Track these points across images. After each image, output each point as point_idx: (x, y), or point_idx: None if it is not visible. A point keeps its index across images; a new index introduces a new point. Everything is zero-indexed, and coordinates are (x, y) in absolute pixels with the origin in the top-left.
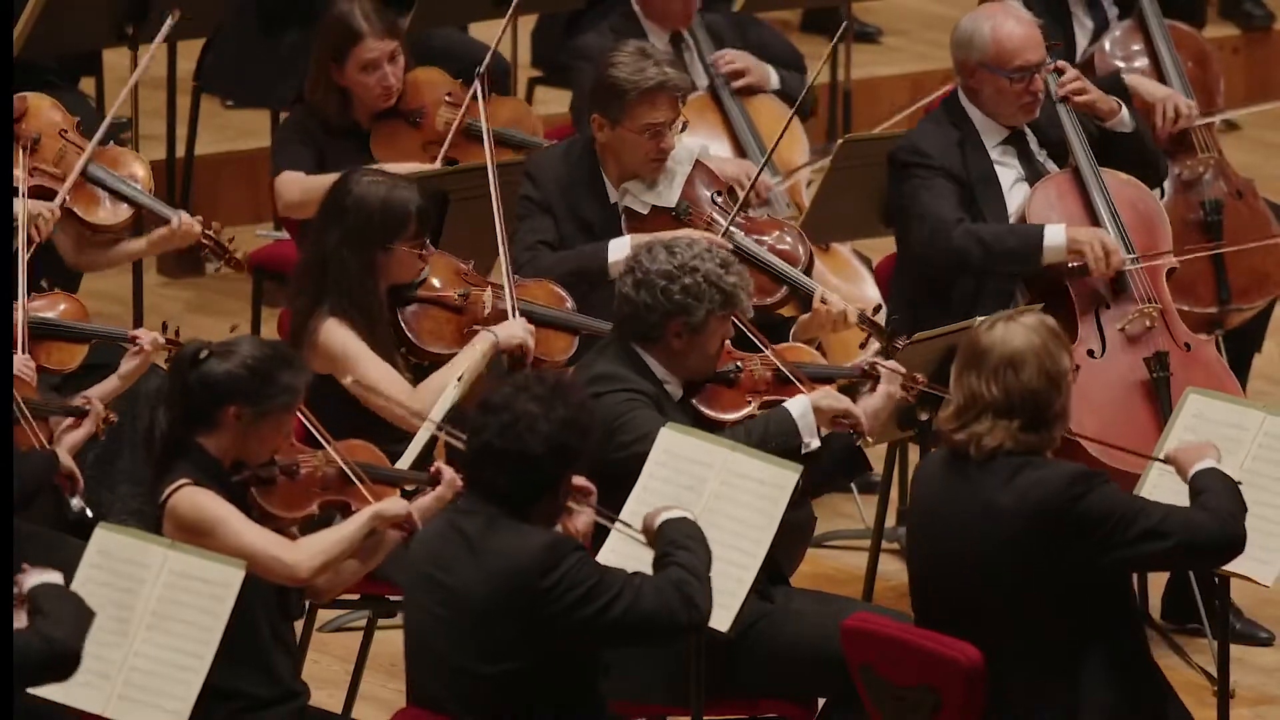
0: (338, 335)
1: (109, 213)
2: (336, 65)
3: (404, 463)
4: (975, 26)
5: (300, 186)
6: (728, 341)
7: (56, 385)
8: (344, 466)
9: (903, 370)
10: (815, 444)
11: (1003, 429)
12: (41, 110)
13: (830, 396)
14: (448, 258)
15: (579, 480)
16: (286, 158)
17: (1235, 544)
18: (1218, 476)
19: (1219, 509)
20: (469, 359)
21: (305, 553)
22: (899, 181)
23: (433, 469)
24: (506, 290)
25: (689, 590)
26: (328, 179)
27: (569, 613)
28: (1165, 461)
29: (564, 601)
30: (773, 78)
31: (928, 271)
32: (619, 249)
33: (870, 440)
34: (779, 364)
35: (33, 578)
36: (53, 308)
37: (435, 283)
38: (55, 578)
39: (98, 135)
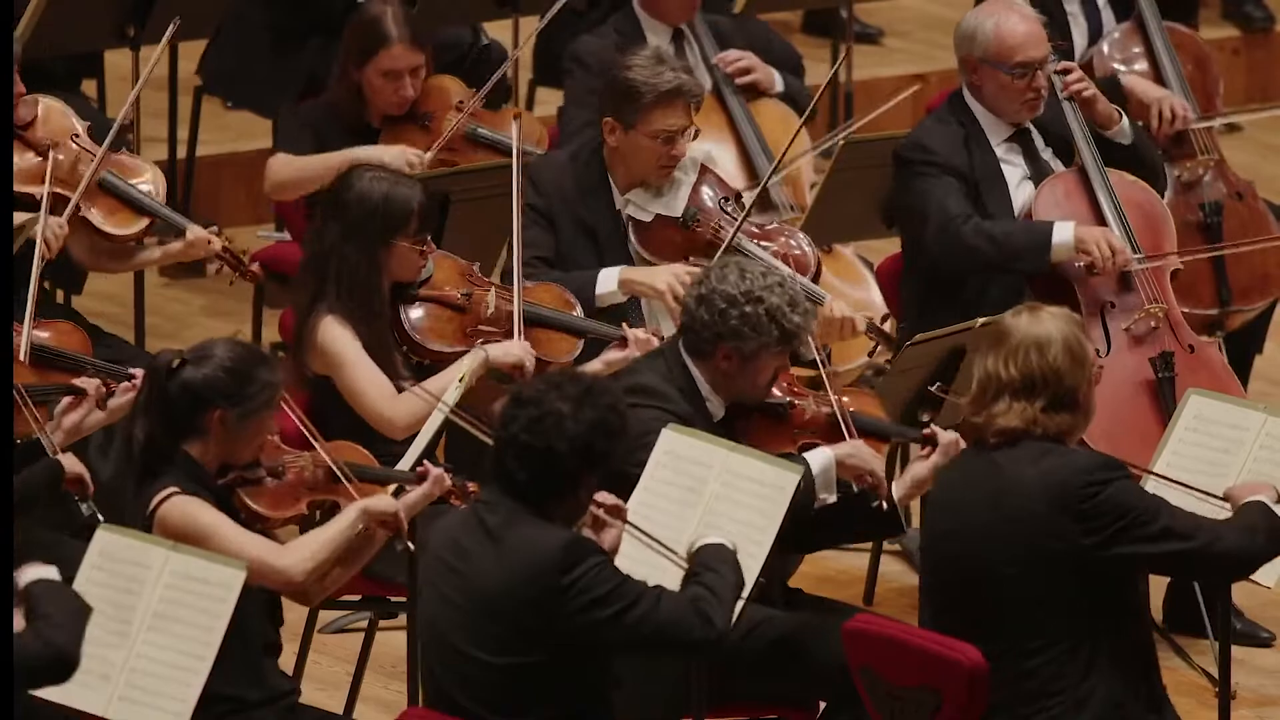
0: (333, 334)
1: (124, 222)
2: (357, 66)
3: (407, 461)
4: (978, 23)
5: (293, 166)
6: (791, 373)
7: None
8: (332, 466)
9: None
10: (830, 499)
11: (1020, 411)
12: (52, 116)
13: (857, 453)
14: (452, 258)
15: (611, 498)
16: (283, 139)
17: (1250, 561)
18: (1261, 507)
19: (1246, 526)
20: (454, 372)
21: (297, 556)
22: (906, 179)
23: (420, 469)
24: (515, 297)
25: (706, 607)
26: (320, 159)
27: (584, 613)
28: (1223, 499)
29: (580, 601)
30: (778, 81)
31: (939, 270)
32: (607, 282)
33: (885, 505)
34: (835, 410)
35: (29, 572)
36: (56, 338)
37: (439, 281)
38: (51, 573)
39: (108, 139)
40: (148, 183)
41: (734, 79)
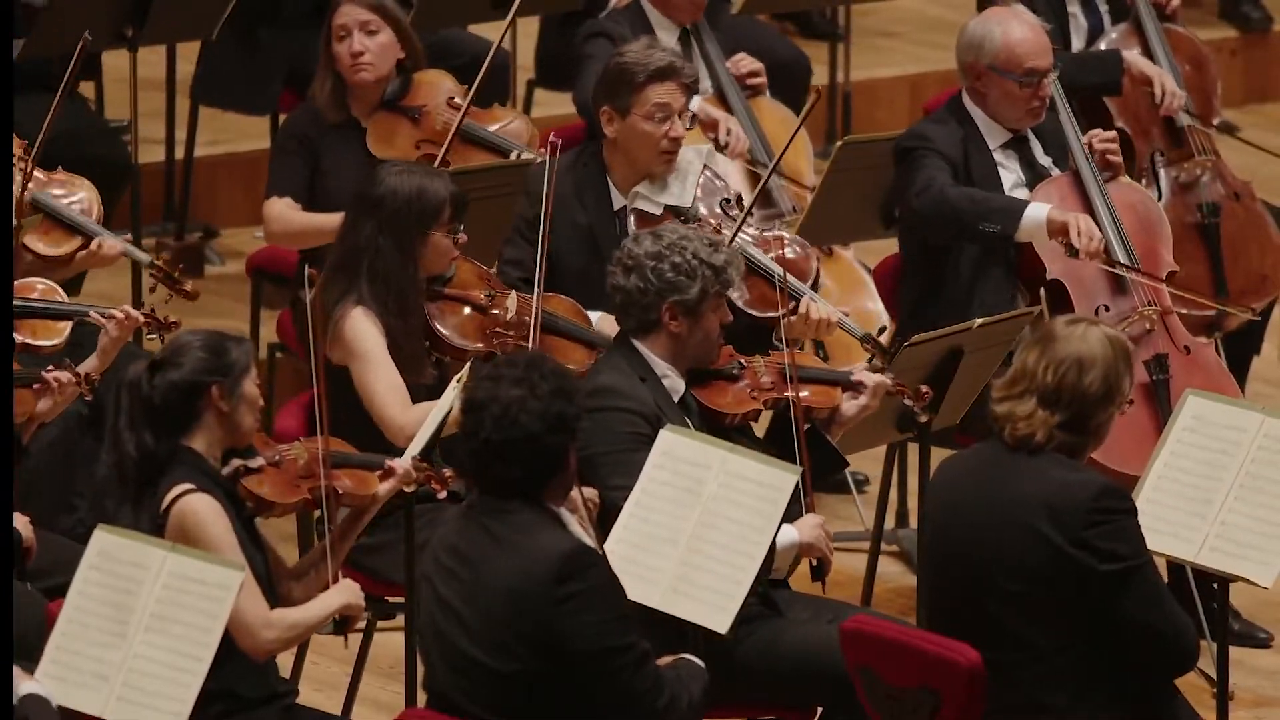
0: (359, 328)
1: (56, 243)
2: (327, 44)
3: (408, 457)
4: (985, 30)
5: (283, 225)
6: (730, 347)
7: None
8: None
9: (889, 383)
10: (782, 575)
11: (1043, 420)
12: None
13: (819, 539)
14: (472, 262)
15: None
16: (275, 178)
17: (1190, 659)
18: None
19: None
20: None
21: (274, 634)
22: (905, 167)
23: (386, 466)
24: (534, 303)
25: (677, 702)
26: (311, 219)
27: (578, 633)
28: None
29: (577, 619)
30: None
31: (914, 236)
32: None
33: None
34: (786, 364)
35: (25, 686)
36: (30, 289)
37: (461, 282)
38: (42, 691)
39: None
40: (81, 199)
41: (745, 81)
